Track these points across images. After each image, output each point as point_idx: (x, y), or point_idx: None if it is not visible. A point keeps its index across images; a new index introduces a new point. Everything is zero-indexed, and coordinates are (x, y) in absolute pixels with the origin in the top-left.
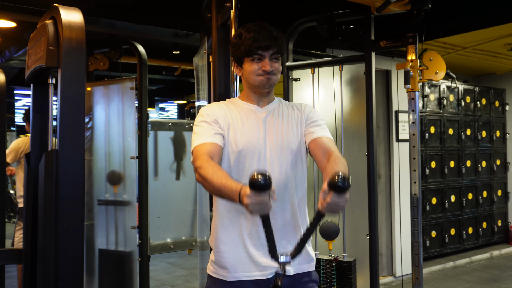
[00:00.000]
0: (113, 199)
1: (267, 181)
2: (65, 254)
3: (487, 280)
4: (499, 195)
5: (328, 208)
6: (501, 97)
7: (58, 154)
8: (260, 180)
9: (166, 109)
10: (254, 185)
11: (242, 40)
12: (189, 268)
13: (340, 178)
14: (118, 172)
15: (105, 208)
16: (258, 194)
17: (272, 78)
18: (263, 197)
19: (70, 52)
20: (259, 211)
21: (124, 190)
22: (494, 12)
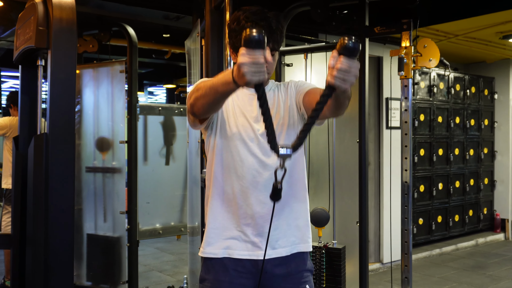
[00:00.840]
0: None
1: (261, 36)
2: (56, 239)
3: (472, 267)
4: (485, 183)
5: (339, 76)
6: (490, 85)
7: (48, 138)
8: (254, 35)
9: (154, 93)
10: (248, 40)
11: (240, 28)
12: (177, 253)
13: (350, 39)
14: (107, 138)
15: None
16: (253, 51)
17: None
18: (257, 54)
19: (61, 32)
20: (254, 74)
21: (113, 157)
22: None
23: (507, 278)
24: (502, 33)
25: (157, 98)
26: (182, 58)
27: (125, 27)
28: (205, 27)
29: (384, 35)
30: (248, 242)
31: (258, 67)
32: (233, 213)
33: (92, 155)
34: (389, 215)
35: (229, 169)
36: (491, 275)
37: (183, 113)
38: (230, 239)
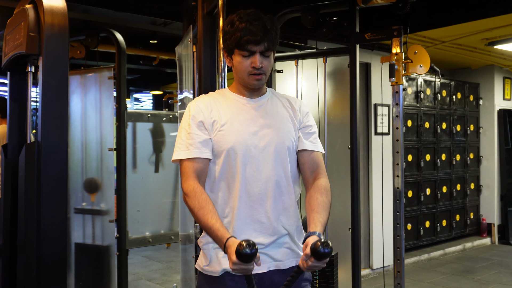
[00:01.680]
0: (90, 207)
1: (253, 250)
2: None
3: (461, 271)
4: (471, 188)
5: (308, 269)
6: (475, 91)
7: (40, 146)
8: (246, 250)
9: (140, 100)
10: (241, 255)
11: (234, 29)
12: (165, 261)
13: (321, 247)
14: (95, 179)
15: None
16: (244, 263)
17: (262, 76)
18: (248, 265)
19: (53, 38)
20: (242, 273)
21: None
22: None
23: (495, 282)
24: (488, 40)
25: (143, 104)
26: (169, 64)
27: (113, 33)
28: (197, 33)
29: (374, 41)
30: None
31: (247, 271)
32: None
33: (80, 162)
34: (378, 220)
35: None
36: (479, 280)
37: (172, 120)
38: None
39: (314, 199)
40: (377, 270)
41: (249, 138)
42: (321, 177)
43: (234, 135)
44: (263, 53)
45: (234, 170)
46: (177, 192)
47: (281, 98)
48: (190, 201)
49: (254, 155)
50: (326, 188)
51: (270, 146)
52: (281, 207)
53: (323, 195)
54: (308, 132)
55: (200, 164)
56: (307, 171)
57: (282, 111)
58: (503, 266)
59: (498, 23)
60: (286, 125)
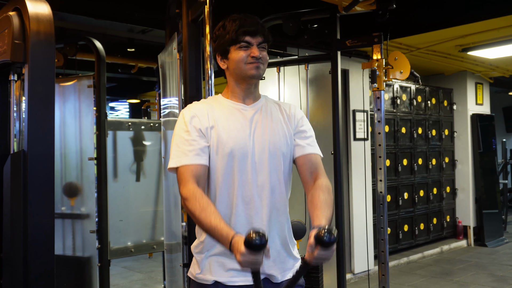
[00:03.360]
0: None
1: (263, 240)
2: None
3: (440, 274)
4: (447, 192)
5: (315, 261)
6: (449, 96)
7: (26, 156)
8: (256, 240)
9: (116, 108)
10: (250, 245)
11: (227, 29)
12: (145, 271)
13: (326, 233)
14: (75, 183)
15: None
16: (253, 253)
17: (261, 66)
18: (257, 256)
19: (39, 46)
20: (251, 267)
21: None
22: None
23: (473, 283)
24: (461, 46)
25: (118, 113)
26: (147, 73)
27: (93, 41)
28: (181, 40)
29: (355, 48)
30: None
31: (256, 264)
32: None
33: (59, 172)
34: (358, 225)
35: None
36: (458, 281)
37: (153, 128)
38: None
39: (316, 197)
40: (358, 274)
41: (245, 144)
42: (321, 177)
43: (231, 142)
44: (260, 45)
45: (231, 176)
46: (159, 200)
47: (275, 104)
48: (191, 204)
49: (251, 161)
50: (328, 186)
51: (265, 152)
52: (275, 213)
53: (325, 193)
54: (304, 136)
55: (199, 169)
56: (306, 173)
57: (277, 116)
58: (480, 267)
59: (471, 30)
60: (282, 131)
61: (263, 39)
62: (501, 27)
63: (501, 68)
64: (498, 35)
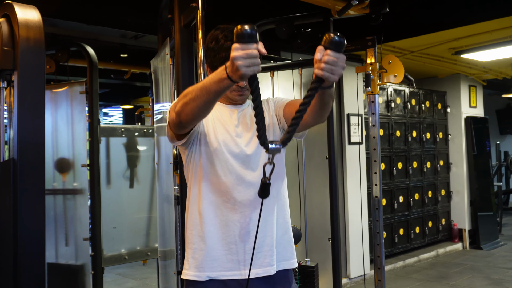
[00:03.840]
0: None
1: (253, 30)
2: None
3: (436, 277)
4: (442, 195)
5: (327, 68)
6: (443, 99)
7: (16, 164)
8: (246, 29)
9: (109, 114)
10: (241, 35)
11: (219, 47)
12: (140, 278)
13: (336, 34)
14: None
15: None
16: (246, 44)
17: (245, 93)
18: (251, 47)
19: (28, 52)
20: (248, 67)
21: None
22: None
23: (469, 286)
24: (455, 49)
25: (112, 119)
26: (140, 78)
27: (85, 47)
28: (174, 45)
29: (349, 52)
30: (234, 261)
31: (252, 60)
32: (216, 233)
33: (51, 177)
34: (354, 230)
35: (210, 186)
36: (454, 285)
37: (147, 134)
38: (214, 260)
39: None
40: (354, 279)
41: (233, 142)
42: None
43: (219, 140)
44: None
45: (222, 175)
46: (153, 207)
47: None
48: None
49: (241, 158)
50: None
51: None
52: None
53: None
54: (282, 99)
55: None
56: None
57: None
58: (475, 270)
59: (464, 33)
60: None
61: None
62: (493, 29)
63: (494, 70)
64: (491, 38)
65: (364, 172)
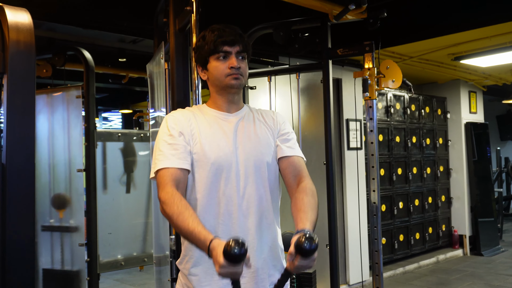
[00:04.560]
0: (58, 224)
1: (243, 250)
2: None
3: (436, 284)
4: (442, 201)
5: (296, 270)
6: (443, 105)
7: (5, 169)
8: (235, 250)
9: (109, 119)
10: (229, 256)
11: (206, 40)
12: (138, 284)
13: (306, 241)
14: (63, 194)
15: (50, 234)
16: (233, 264)
17: (240, 77)
18: (237, 267)
19: (18, 56)
20: (231, 277)
21: (71, 215)
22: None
23: None
24: (454, 55)
25: (111, 124)
26: (139, 83)
27: (81, 51)
28: (169, 50)
29: (346, 56)
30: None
31: (236, 275)
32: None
33: (47, 184)
34: (353, 236)
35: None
36: None
37: (143, 139)
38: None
39: (299, 200)
40: (354, 285)
41: (229, 154)
42: (304, 180)
43: (214, 152)
44: (239, 54)
45: (216, 187)
46: (149, 212)
47: (257, 112)
48: (168, 208)
49: (235, 171)
50: (312, 189)
51: (250, 161)
52: (264, 223)
53: (308, 196)
54: (286, 138)
55: (179, 174)
56: (289, 177)
57: (260, 124)
58: (476, 277)
59: (464, 39)
60: (265, 139)
61: (241, 48)
62: (493, 35)
63: (494, 76)
64: (490, 44)
65: (363, 178)
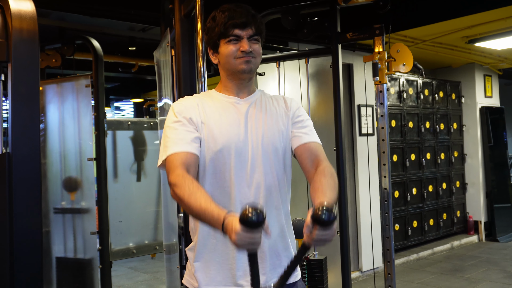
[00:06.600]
0: (70, 206)
1: (261, 217)
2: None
3: (450, 270)
4: (457, 186)
5: (315, 243)
6: (457, 89)
7: (11, 158)
8: (253, 216)
9: (121, 108)
10: (246, 222)
11: (217, 21)
12: (151, 272)
13: (324, 211)
14: (74, 177)
15: (62, 216)
16: (251, 231)
17: (252, 61)
18: (255, 234)
19: (22, 44)
20: (248, 248)
21: (82, 197)
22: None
23: (484, 280)
24: (468, 38)
25: (124, 113)
26: (149, 71)
27: (90, 40)
28: (175, 36)
29: (356, 40)
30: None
31: (254, 244)
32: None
33: (58, 173)
34: (366, 222)
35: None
36: (469, 278)
37: (153, 127)
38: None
39: (317, 182)
40: (366, 272)
41: (239, 140)
42: (322, 163)
43: (223, 138)
44: (251, 38)
45: (224, 174)
46: (160, 200)
47: (270, 98)
48: (179, 190)
49: (245, 158)
50: (330, 171)
51: (260, 148)
52: (274, 212)
53: (327, 177)
54: (301, 126)
55: (190, 157)
56: (306, 162)
57: (272, 110)
58: (491, 263)
59: (478, 21)
60: (276, 126)
61: (254, 31)
62: (508, 16)
63: (510, 59)
64: (505, 25)
65: (376, 164)
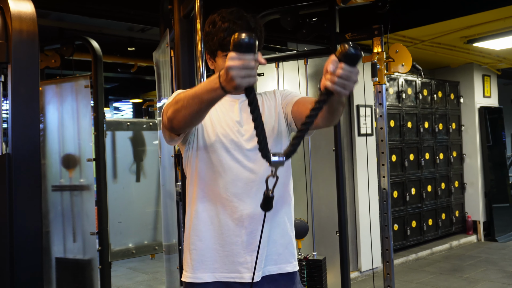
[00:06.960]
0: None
1: (252, 39)
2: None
3: (449, 270)
4: (456, 186)
5: (340, 83)
6: (455, 89)
7: (11, 158)
8: (244, 38)
9: (120, 109)
10: (238, 44)
11: (216, 30)
12: (151, 272)
13: (352, 45)
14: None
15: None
16: (243, 54)
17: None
18: (248, 57)
19: (21, 45)
20: (244, 78)
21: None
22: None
23: (483, 280)
24: (467, 38)
25: (123, 113)
26: (148, 72)
27: (89, 41)
28: (174, 37)
29: (355, 41)
30: (236, 263)
31: (248, 71)
32: (218, 232)
33: (58, 173)
34: (365, 222)
35: (211, 182)
36: (467, 278)
37: (153, 128)
38: (216, 262)
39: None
40: (365, 272)
41: (234, 133)
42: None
43: (218, 130)
44: None
45: (219, 169)
46: (159, 201)
47: (262, 94)
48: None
49: (240, 152)
50: None
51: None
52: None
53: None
54: (291, 95)
55: None
56: (302, 109)
57: (264, 103)
58: (490, 263)
59: (477, 21)
60: (270, 121)
61: None
62: (507, 17)
63: (509, 59)
64: (504, 26)
65: (374, 164)
